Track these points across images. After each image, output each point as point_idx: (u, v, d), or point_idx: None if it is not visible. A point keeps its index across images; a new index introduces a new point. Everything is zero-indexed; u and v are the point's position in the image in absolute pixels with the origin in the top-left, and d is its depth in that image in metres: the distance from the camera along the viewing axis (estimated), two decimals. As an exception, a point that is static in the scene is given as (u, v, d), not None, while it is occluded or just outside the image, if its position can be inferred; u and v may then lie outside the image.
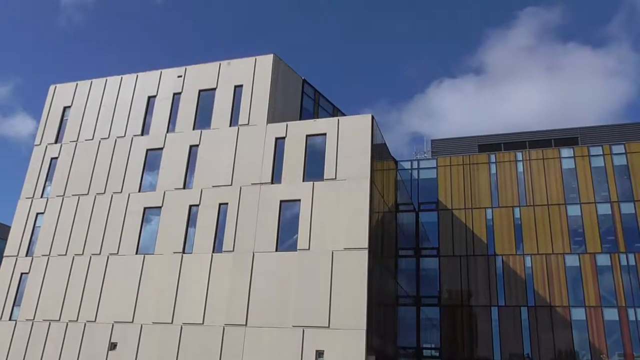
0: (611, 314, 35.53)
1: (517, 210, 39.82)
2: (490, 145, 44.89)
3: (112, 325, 27.74)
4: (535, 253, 38.27)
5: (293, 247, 26.25)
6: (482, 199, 40.81)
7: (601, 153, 39.78)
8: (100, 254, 29.74)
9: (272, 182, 27.95)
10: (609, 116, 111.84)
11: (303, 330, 24.35)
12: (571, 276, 37.14)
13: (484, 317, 37.97)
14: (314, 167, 27.50)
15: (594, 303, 36.05)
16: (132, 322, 27.45)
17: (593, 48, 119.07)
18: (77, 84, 35.67)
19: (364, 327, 23.59)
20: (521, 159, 41.24)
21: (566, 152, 40.56)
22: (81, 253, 30.15)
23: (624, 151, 39.27)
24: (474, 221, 40.36)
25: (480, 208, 40.59)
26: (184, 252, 28.08)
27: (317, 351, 23.86)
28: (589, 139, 42.67)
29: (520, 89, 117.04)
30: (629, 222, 37.35)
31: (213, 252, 27.52)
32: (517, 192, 40.32)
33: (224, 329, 25.65)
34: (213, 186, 28.97)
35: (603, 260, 36.91)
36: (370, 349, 23.98)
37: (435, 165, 42.93)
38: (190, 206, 29.06)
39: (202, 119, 31.22)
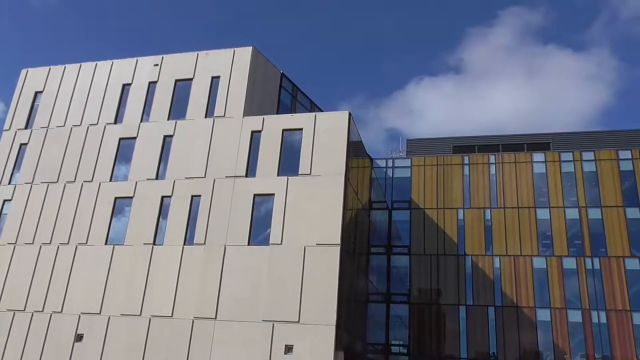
0: (575, 316, 36.43)
1: (488, 211, 40.45)
2: (465, 146, 45.48)
3: (79, 317, 27.27)
4: (504, 254, 38.96)
5: (265, 242, 26.18)
6: (454, 200, 41.33)
7: (571, 159, 40.66)
8: (68, 243, 29.17)
9: (246, 176, 27.80)
10: (583, 121, 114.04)
11: (273, 325, 24.32)
12: (538, 278, 37.93)
13: (452, 316, 38.52)
14: (289, 162, 27.45)
15: (559, 305, 36.89)
16: (100, 313, 27.02)
17: (573, 51, 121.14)
18: (49, 68, 34.86)
19: (334, 322, 23.68)
20: (494, 161, 41.89)
21: (538, 156, 41.34)
22: (49, 242, 29.53)
23: (593, 158, 40.22)
24: (446, 221, 40.87)
25: (452, 208, 41.12)
26: (154, 243, 27.75)
27: (286, 346, 23.87)
28: (561, 145, 43.58)
29: (498, 89, 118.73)
30: (596, 228, 38.30)
31: (184, 244, 27.26)
32: (488, 194, 40.96)
33: (193, 322, 25.45)
34: (186, 178, 28.68)
35: (569, 263, 37.79)
36: (339, 344, 24.09)
37: (409, 165, 43.31)
38: (163, 197, 28.72)
39: (178, 109, 30.85)
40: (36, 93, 34.52)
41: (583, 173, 40.04)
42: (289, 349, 23.83)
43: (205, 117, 29.99)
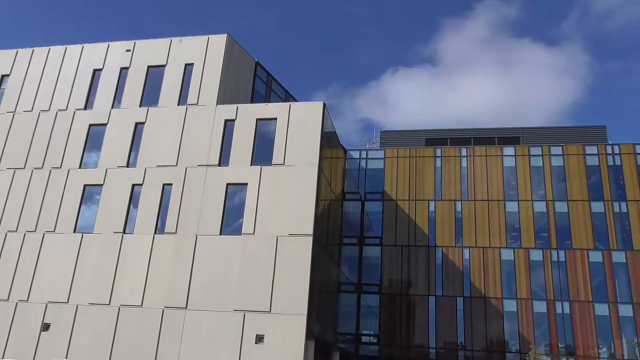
0: (540, 307, 37.40)
1: (458, 204, 41.08)
2: (437, 139, 45.97)
3: (46, 306, 26.77)
4: (474, 246, 39.68)
5: (237, 231, 26.10)
6: (426, 192, 41.84)
7: (540, 153, 41.53)
8: (35, 231, 28.56)
9: (219, 165, 27.60)
10: (554, 115, 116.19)
11: (244, 315, 24.33)
12: (506, 269, 38.78)
13: (422, 306, 39.13)
14: (262, 152, 27.36)
15: (525, 296, 37.80)
16: (67, 302, 26.59)
17: (546, 45, 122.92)
18: (17, 51, 33.86)
19: (305, 312, 23.82)
20: (465, 154, 42.50)
21: (508, 150, 42.09)
22: (15, 230, 28.85)
23: (561, 153, 41.15)
24: (417, 213, 41.36)
25: (423, 200, 41.62)
26: (124, 232, 27.38)
27: (257, 335, 23.92)
28: (530, 139, 44.44)
29: (472, 81, 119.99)
30: (562, 221, 39.28)
31: (155, 233, 26.98)
32: (459, 187, 41.58)
33: (163, 311, 25.27)
34: (158, 166, 28.33)
35: (536, 255, 38.71)
36: (310, 334, 24.25)
37: (383, 156, 43.63)
38: (133, 185, 28.32)
39: (150, 96, 30.38)
40: (2, 76, 33.54)
41: (551, 167, 40.95)
42: (259, 338, 23.89)
43: (178, 104, 29.62)
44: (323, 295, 28.26)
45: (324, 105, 27.97)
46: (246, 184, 26.83)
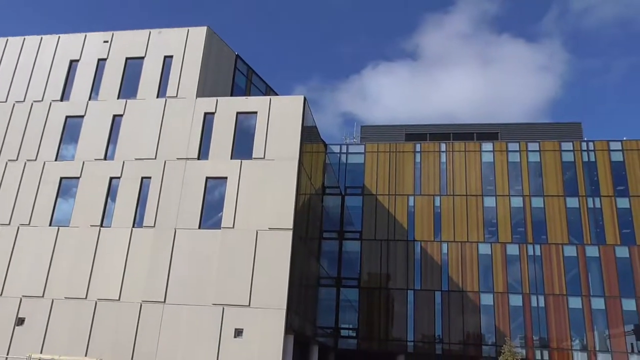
0: (516, 300, 38.03)
1: (437, 198, 41.47)
2: (417, 134, 46.28)
3: (20, 300, 26.34)
4: (452, 240, 40.13)
5: (217, 225, 25.98)
6: (406, 187, 42.14)
7: (518, 149, 42.09)
8: (9, 224, 28.04)
9: (198, 158, 27.42)
10: (533, 110, 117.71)
11: (223, 309, 24.28)
12: (483, 263, 39.31)
13: (401, 300, 39.49)
14: (242, 145, 27.25)
15: (501, 289, 38.39)
16: (43, 296, 26.21)
17: (526, 42, 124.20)
18: (-10, 40, 33.11)
19: (284, 307, 23.87)
20: (445, 150, 42.88)
21: (487, 146, 42.58)
22: (-12, 222, 28.30)
23: (538, 149, 41.76)
24: (397, 207, 41.65)
25: (403, 195, 41.92)
26: (102, 225, 27.06)
27: (236, 329, 23.91)
28: (508, 135, 45.01)
29: (452, 76, 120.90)
30: (538, 216, 39.94)
31: (133, 226, 26.72)
32: (438, 182, 41.96)
33: (141, 305, 25.08)
34: (136, 159, 28.02)
35: (512, 249, 39.33)
36: (289, 328, 24.32)
37: (363, 151, 43.78)
38: (111, 178, 27.98)
39: (128, 88, 29.99)
40: (-25, 66, 32.75)
41: (528, 163, 41.55)
42: (238, 332, 23.87)
43: (157, 97, 29.30)
44: (302, 289, 28.33)
45: (305, 99, 27.95)
46: (226, 177, 26.71)
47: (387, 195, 42.07)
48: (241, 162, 26.83)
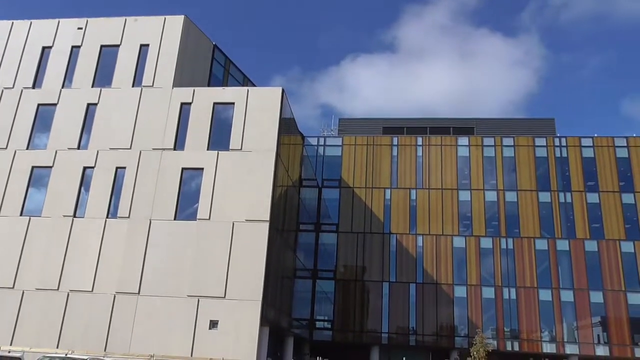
0: (488, 293, 38.69)
1: (413, 192, 41.83)
2: (394, 128, 46.53)
3: (-11, 290, 25.82)
4: (427, 233, 40.56)
5: (193, 217, 25.83)
6: (383, 180, 42.40)
7: (493, 144, 42.67)
8: (-22, 213, 27.42)
9: (174, 149, 27.16)
10: (509, 104, 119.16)
11: (198, 300, 24.20)
12: (457, 256, 39.85)
13: (376, 292, 39.83)
14: (219, 136, 27.08)
15: (474, 282, 39.01)
16: (13, 287, 25.75)
17: (504, 36, 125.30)
18: (-41, 24, 32.14)
19: (260, 298, 23.91)
20: (421, 143, 43.22)
21: (462, 140, 43.06)
22: (-44, 211, 27.61)
23: (512, 144, 42.40)
24: (373, 200, 41.90)
25: (380, 188, 42.18)
26: (75, 216, 26.65)
27: (211, 321, 23.86)
28: (484, 130, 45.56)
29: (430, 70, 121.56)
30: (511, 210, 40.62)
31: (107, 217, 26.39)
32: (415, 175, 42.31)
33: (114, 296, 24.83)
34: (111, 148, 27.62)
35: (486, 243, 39.94)
36: (264, 320, 24.37)
37: (340, 144, 43.86)
38: (85, 168, 27.56)
39: (103, 76, 29.50)
40: (-57, 50, 31.79)
41: (502, 158, 42.16)
42: (213, 324, 23.83)
43: (133, 86, 28.90)
44: (278, 281, 28.38)
45: (283, 91, 27.86)
46: (202, 168, 26.54)
47: (364, 188, 42.29)
48: (218, 153, 26.67)
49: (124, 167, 27.13)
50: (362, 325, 39.40)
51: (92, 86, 29.29)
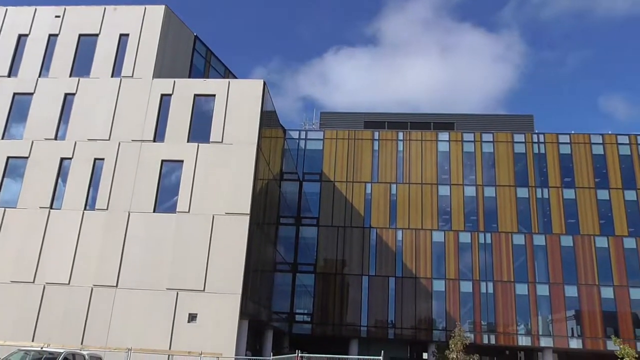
0: (466, 287, 39.19)
1: (394, 186, 42.08)
2: (376, 122, 46.69)
3: (-37, 283, 25.33)
4: (407, 228, 40.87)
5: (172, 209, 25.63)
6: (363, 174, 42.55)
7: (472, 140, 43.08)
8: (-49, 204, 26.84)
9: (154, 140, 26.88)
10: (490, 100, 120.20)
11: (177, 293, 24.06)
12: (436, 251, 40.26)
13: (355, 285, 40.05)
14: (200, 129, 26.86)
15: (453, 276, 39.47)
16: (-13, 279, 25.28)
17: (486, 31, 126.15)
18: None
19: (240, 292, 23.86)
20: (402, 138, 43.45)
21: (443, 136, 43.40)
22: None
23: (492, 140, 42.87)
24: (354, 194, 42.05)
25: (360, 182, 42.34)
26: (51, 207, 26.24)
27: (190, 314, 23.76)
28: (464, 125, 45.98)
29: (412, 64, 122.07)
30: (490, 205, 41.12)
31: (85, 209, 26.03)
32: (395, 170, 42.55)
33: (92, 289, 24.55)
34: (89, 139, 27.22)
35: (465, 237, 40.40)
36: (244, 313, 24.34)
37: (322, 137, 43.87)
38: (62, 159, 27.13)
39: (81, 66, 29.00)
40: None
41: (482, 153, 42.62)
42: (192, 317, 23.73)
43: (112, 76, 28.48)
44: (258, 274, 28.35)
45: (265, 83, 27.73)
46: (182, 161, 26.32)
47: (345, 182, 42.40)
48: (198, 145, 26.47)
49: (103, 159, 26.77)
50: (341, 318, 39.60)
51: (70, 76, 28.79)
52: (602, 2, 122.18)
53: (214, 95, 27.42)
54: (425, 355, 39.84)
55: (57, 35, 29.75)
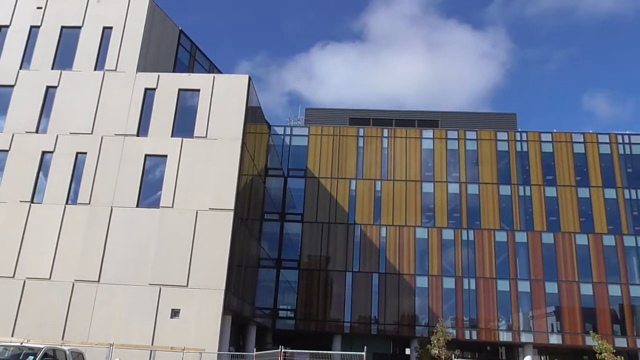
0: (449, 283, 39.55)
1: (378, 183, 42.26)
2: (361, 119, 46.81)
3: (-60, 277, 24.90)
4: (391, 224, 41.09)
5: (155, 204, 25.45)
6: (348, 170, 42.66)
7: (456, 137, 43.41)
8: None
9: (137, 135, 26.64)
10: (475, 97, 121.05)
11: (160, 289, 23.93)
12: (419, 247, 40.54)
13: (339, 282, 40.19)
14: (184, 123, 26.69)
15: (436, 272, 39.79)
16: (-35, 274, 24.88)
17: (472, 28, 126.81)
18: None
19: (223, 287, 23.81)
20: (387, 135, 43.62)
21: (427, 133, 43.65)
22: None
23: (475, 137, 43.24)
24: (339, 191, 42.14)
25: (345, 178, 42.44)
26: (32, 201, 25.88)
27: (172, 310, 23.65)
28: (448, 123, 46.30)
29: (398, 60, 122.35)
30: (473, 202, 41.51)
31: (67, 203, 25.73)
32: (380, 167, 42.72)
33: (73, 284, 24.30)
34: (71, 133, 26.89)
35: (448, 234, 40.75)
36: (227, 309, 24.30)
37: (307, 134, 43.86)
38: (44, 152, 26.76)
39: (63, 58, 28.60)
40: None
41: (465, 151, 42.97)
42: (175, 313, 23.63)
43: (95, 69, 28.15)
44: (242, 270, 28.30)
45: (250, 79, 27.64)
46: (166, 156, 26.13)
47: (330, 179, 42.47)
48: (182, 140, 26.31)
49: (85, 153, 26.47)
50: (325, 314, 39.72)
51: (52, 68, 28.39)
52: (585, 1, 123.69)
53: (199, 90, 27.25)
54: (407, 351, 40.16)
55: (38, 26, 29.30)
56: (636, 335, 37.68)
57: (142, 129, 26.75)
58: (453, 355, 30.01)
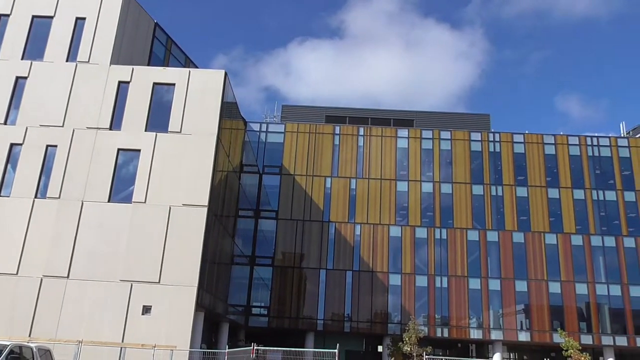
0: (422, 281, 39.96)
1: (353, 181, 42.42)
2: (337, 117, 46.91)
3: None
4: (365, 222, 41.30)
5: (128, 199, 25.07)
6: (324, 168, 42.71)
7: (431, 137, 43.84)
8: None
9: (110, 128, 26.20)
10: (450, 97, 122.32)
11: (131, 285, 23.59)
12: (393, 245, 40.85)
13: (313, 279, 40.24)
14: (158, 118, 26.34)
15: (409, 270, 40.16)
16: None
17: (450, 27, 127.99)
18: None
19: (196, 284, 23.61)
20: (363, 134, 43.80)
21: (402, 132, 43.98)
22: None
23: (449, 137, 43.74)
24: (314, 188, 42.17)
25: (320, 176, 42.47)
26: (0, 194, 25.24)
27: (144, 306, 23.35)
28: (423, 123, 46.75)
29: (376, 57, 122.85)
30: (446, 201, 42.00)
31: (35, 197, 25.16)
32: (355, 165, 42.89)
33: (41, 280, 23.78)
34: (41, 125, 26.28)
35: (421, 233, 41.15)
36: (199, 305, 24.10)
37: (283, 131, 43.75)
38: (12, 145, 26.11)
39: (34, 48, 27.93)
40: None
41: (440, 151, 43.44)
42: (147, 309, 23.34)
43: (67, 60, 27.56)
44: (215, 267, 28.10)
45: (226, 74, 27.43)
46: (139, 150, 25.77)
47: (305, 176, 42.46)
48: (156, 135, 25.97)
49: (55, 146, 25.91)
50: (298, 311, 39.73)
51: (22, 58, 27.69)
52: (561, 3, 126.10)
53: (174, 85, 26.93)
54: (380, 349, 40.46)
55: (8, 15, 28.55)
56: (601, 332, 38.68)
57: (115, 123, 26.32)
58: (424, 353, 30.32)
